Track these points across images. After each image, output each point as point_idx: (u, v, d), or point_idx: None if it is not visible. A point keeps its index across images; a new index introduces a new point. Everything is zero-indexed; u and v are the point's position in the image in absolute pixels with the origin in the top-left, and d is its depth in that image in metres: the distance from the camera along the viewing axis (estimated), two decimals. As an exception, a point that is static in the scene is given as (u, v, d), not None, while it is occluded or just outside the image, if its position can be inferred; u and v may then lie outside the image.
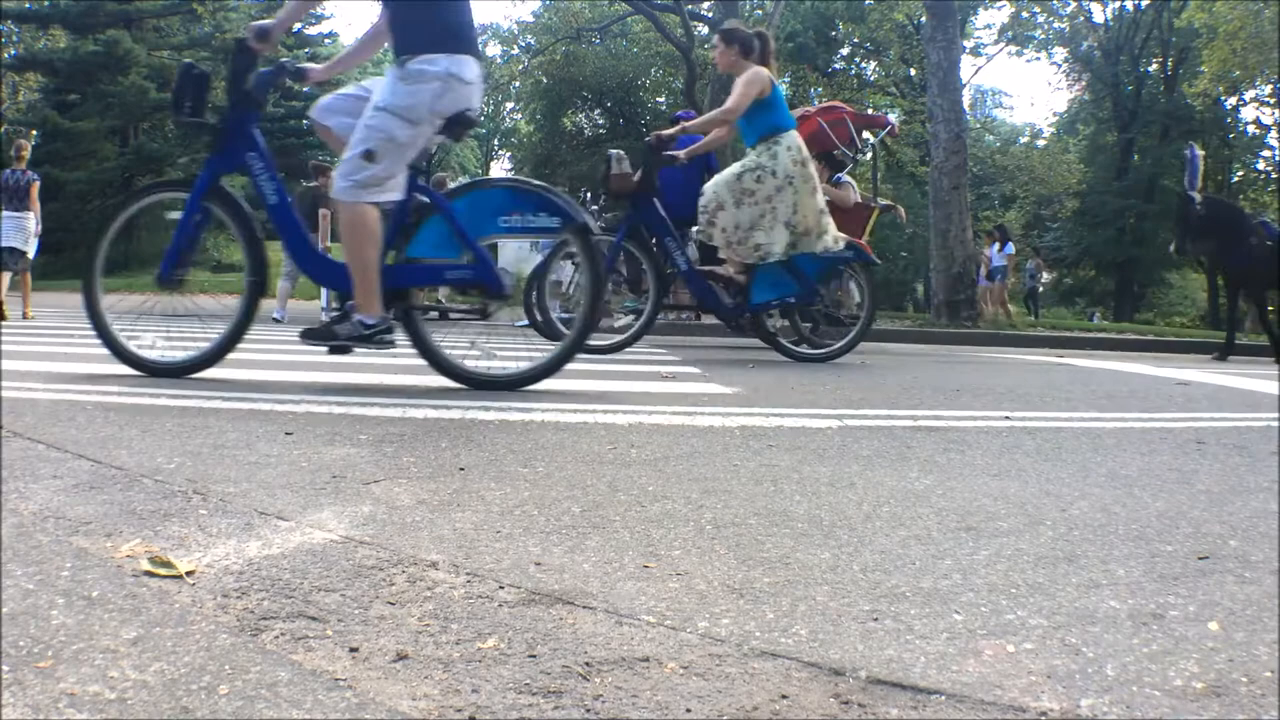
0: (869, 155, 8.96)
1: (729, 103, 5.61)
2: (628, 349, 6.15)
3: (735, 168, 5.66)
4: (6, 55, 27.01)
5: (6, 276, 8.88)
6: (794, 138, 5.62)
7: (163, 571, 1.34)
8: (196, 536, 1.53)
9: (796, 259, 5.73)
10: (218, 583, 1.32)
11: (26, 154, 9.16)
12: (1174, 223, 10.71)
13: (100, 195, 25.38)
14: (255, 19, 4.52)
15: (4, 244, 8.76)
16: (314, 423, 2.67)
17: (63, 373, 3.69)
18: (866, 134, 8.64)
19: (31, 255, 9.08)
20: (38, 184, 9.02)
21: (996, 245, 17.67)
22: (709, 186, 5.59)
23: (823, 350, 6.22)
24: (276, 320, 9.86)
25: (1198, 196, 9.43)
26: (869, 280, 8.17)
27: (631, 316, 7.95)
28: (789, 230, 5.63)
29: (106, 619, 1.16)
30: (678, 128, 5.81)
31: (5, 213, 8.78)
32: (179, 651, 1.07)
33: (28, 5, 26.92)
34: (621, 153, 5.80)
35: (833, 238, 5.79)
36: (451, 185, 4.22)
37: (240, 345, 3.87)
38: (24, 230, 8.88)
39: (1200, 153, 10.14)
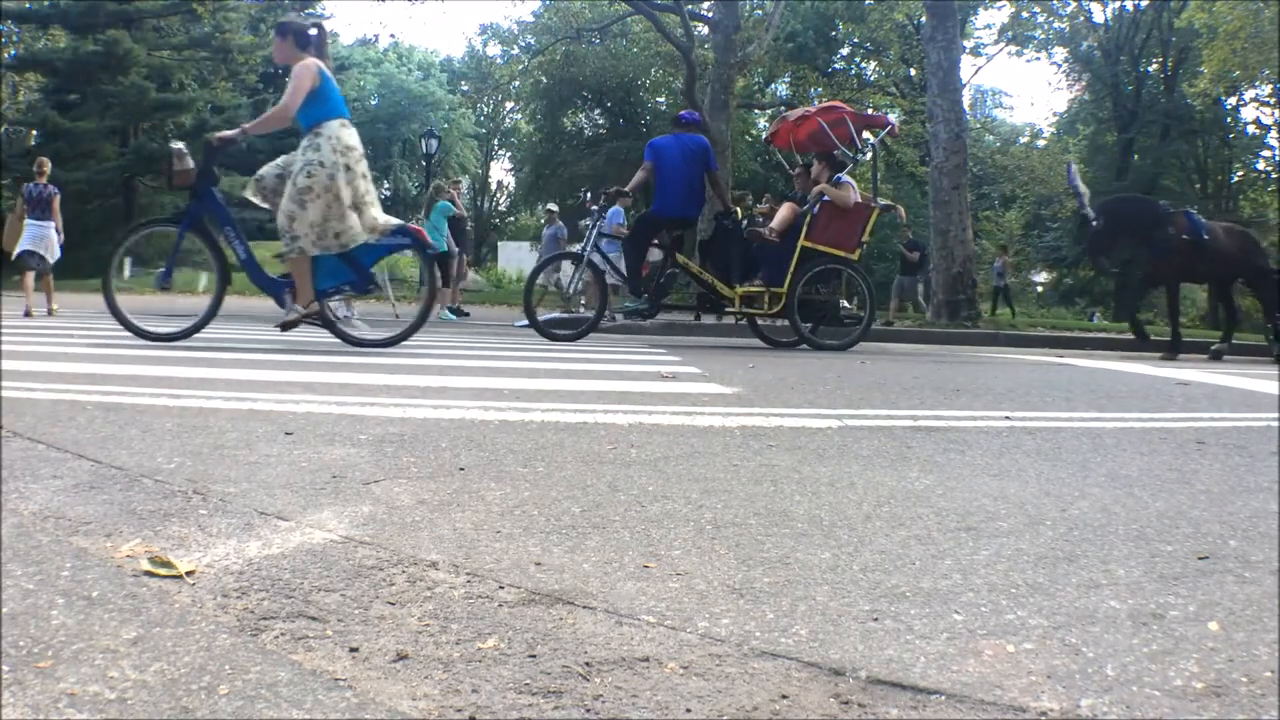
0: (869, 155, 8.94)
1: (283, 99, 5.49)
2: (627, 348, 6.15)
3: (293, 178, 5.48)
4: (6, 55, 27.00)
5: (30, 276, 10.09)
6: (334, 127, 5.45)
7: (163, 571, 1.34)
8: (196, 536, 1.53)
9: (353, 249, 5.58)
10: (218, 583, 1.32)
11: (48, 170, 10.14)
12: (1082, 246, 10.72)
13: (100, 195, 25.38)
14: (255, 19, 4.69)
15: (28, 248, 9.95)
16: (314, 423, 2.67)
17: (63, 373, 3.69)
18: (867, 134, 8.64)
19: (53, 259, 10.17)
20: (58, 197, 10.12)
21: None
22: (280, 211, 5.45)
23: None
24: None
25: (1091, 213, 9.35)
26: (866, 282, 8.19)
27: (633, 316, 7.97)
28: (358, 213, 5.49)
29: (106, 619, 1.16)
30: (238, 130, 5.69)
31: (29, 221, 9.87)
32: (179, 651, 1.07)
33: (28, 5, 26.90)
34: (182, 146, 5.75)
35: (376, 226, 5.60)
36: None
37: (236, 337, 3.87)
38: (46, 237, 9.97)
39: (1077, 168, 10.09)
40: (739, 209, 8.40)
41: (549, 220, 15.42)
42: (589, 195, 8.15)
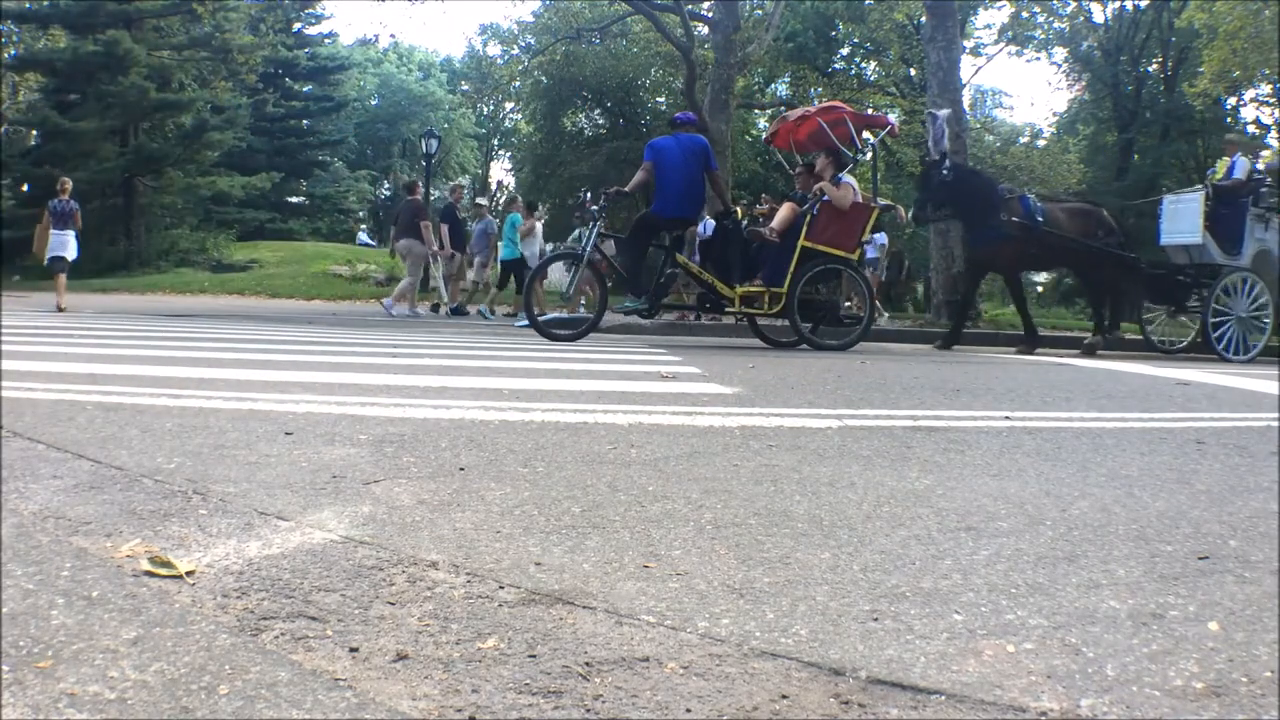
0: (869, 155, 8.94)
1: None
2: (627, 348, 6.15)
3: None
4: (6, 55, 26.96)
5: (62, 278, 11.81)
6: None
7: (163, 571, 1.34)
8: (196, 536, 1.53)
9: None
10: (218, 583, 1.32)
11: (69, 189, 12.24)
12: (916, 187, 10.37)
13: (100, 195, 25.34)
14: (255, 19, 4.70)
15: (56, 254, 11.84)
16: (314, 423, 2.67)
17: (63, 373, 3.69)
18: (867, 134, 8.64)
19: (71, 258, 12.06)
20: (79, 211, 12.22)
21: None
22: None
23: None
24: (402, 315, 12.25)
25: (947, 162, 9.08)
26: (866, 282, 8.19)
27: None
28: None
29: (106, 619, 1.16)
30: None
31: (53, 231, 11.86)
32: (179, 651, 1.07)
33: (28, 5, 26.87)
34: None
35: None
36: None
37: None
38: (68, 245, 11.98)
39: (944, 114, 9.80)
40: (739, 210, 8.40)
41: (477, 215, 15.07)
42: (589, 195, 8.13)
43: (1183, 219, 9.59)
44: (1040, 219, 8.86)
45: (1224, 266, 9.30)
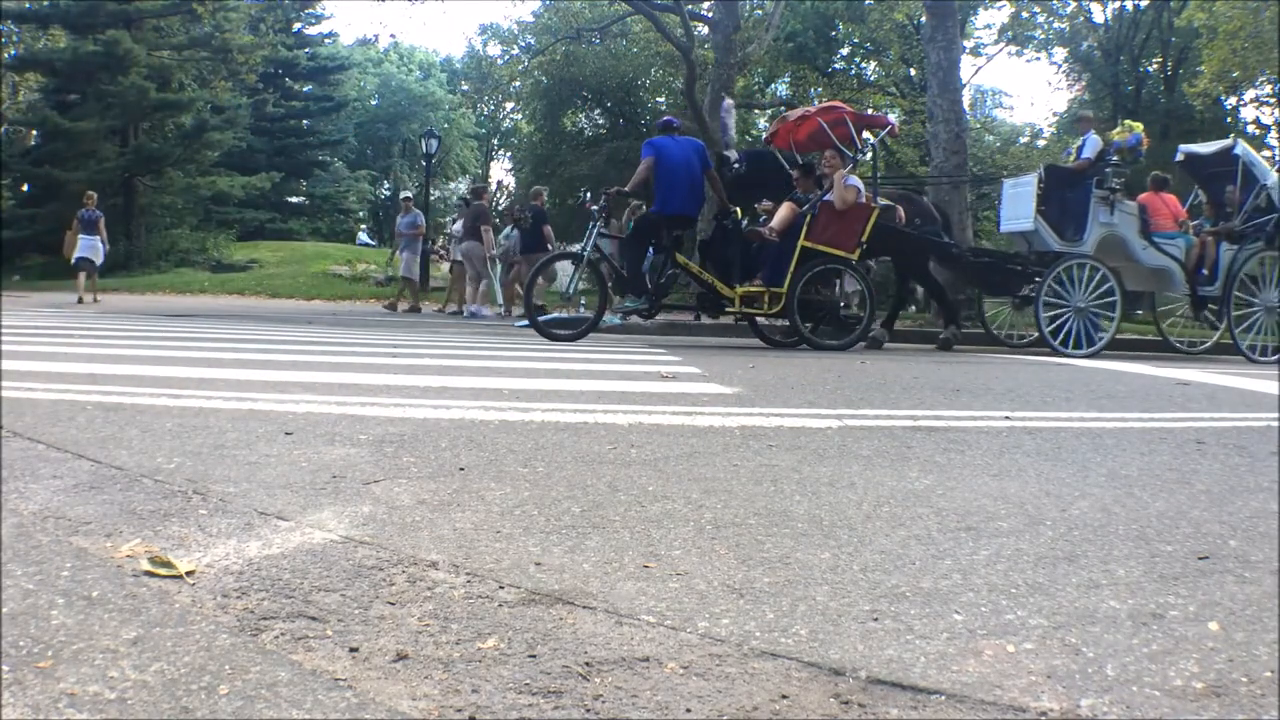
0: (869, 155, 8.94)
1: None
2: (627, 348, 6.15)
3: None
4: (6, 55, 26.96)
5: (83, 276, 14.03)
6: None
7: (163, 571, 1.34)
8: (196, 536, 1.53)
9: None
10: (218, 583, 1.32)
11: (94, 200, 14.96)
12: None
13: (100, 195, 25.35)
14: (255, 19, 4.68)
15: (82, 256, 14.07)
16: (314, 423, 2.67)
17: (63, 373, 3.69)
18: (867, 134, 8.63)
19: (99, 262, 14.49)
20: (103, 219, 14.69)
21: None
22: None
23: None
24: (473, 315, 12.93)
25: (734, 155, 8.80)
26: (866, 282, 8.18)
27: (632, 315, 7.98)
28: None
29: (106, 619, 1.16)
30: None
31: (81, 237, 14.14)
32: (179, 651, 1.07)
33: (28, 5, 26.86)
34: None
35: None
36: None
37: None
38: (95, 248, 14.27)
39: (730, 102, 9.46)
40: (738, 210, 8.38)
41: (405, 209, 14.90)
42: (589, 195, 8.04)
43: (1019, 204, 9.04)
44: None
45: (1062, 254, 8.71)
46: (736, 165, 8.73)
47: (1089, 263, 8.65)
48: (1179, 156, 10.40)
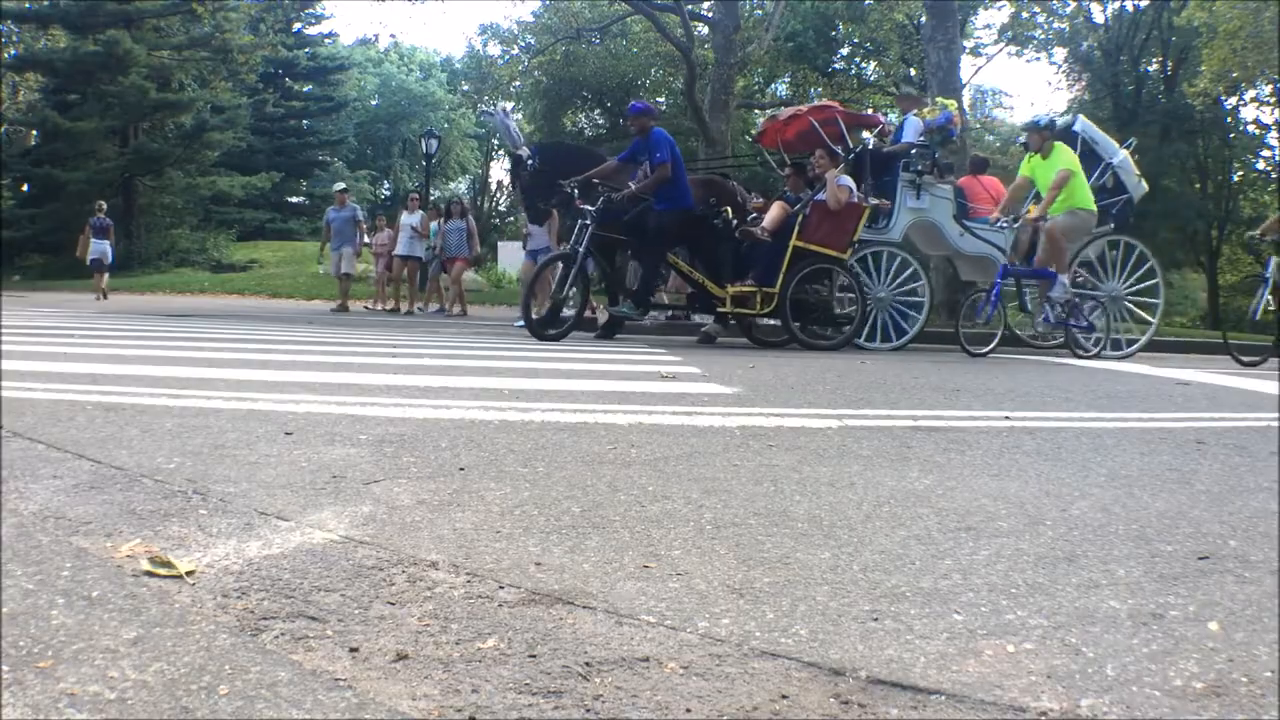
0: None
1: None
2: (627, 348, 6.15)
3: None
4: (6, 55, 26.96)
5: (97, 275, 15.78)
6: None
7: (163, 571, 1.34)
8: (196, 536, 1.53)
9: None
10: (218, 583, 1.32)
11: (105, 208, 17.09)
12: (513, 190, 9.63)
13: (100, 195, 25.37)
14: (255, 19, 4.67)
15: (94, 258, 15.91)
16: (314, 423, 2.67)
17: (63, 373, 3.69)
18: (866, 134, 8.64)
19: (108, 262, 16.32)
20: (113, 226, 16.99)
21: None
22: None
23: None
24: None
25: (526, 153, 8.54)
26: (858, 282, 8.16)
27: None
28: None
29: (106, 619, 1.16)
30: None
31: (93, 240, 16.01)
32: (179, 651, 1.07)
33: (28, 5, 26.86)
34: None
35: None
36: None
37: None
38: (106, 251, 16.20)
39: (502, 107, 9.23)
40: (727, 209, 8.27)
41: (339, 202, 14.48)
42: (575, 191, 7.93)
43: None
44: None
45: (863, 242, 8.12)
46: (530, 162, 8.56)
47: (889, 251, 8.21)
48: (1020, 137, 9.58)
